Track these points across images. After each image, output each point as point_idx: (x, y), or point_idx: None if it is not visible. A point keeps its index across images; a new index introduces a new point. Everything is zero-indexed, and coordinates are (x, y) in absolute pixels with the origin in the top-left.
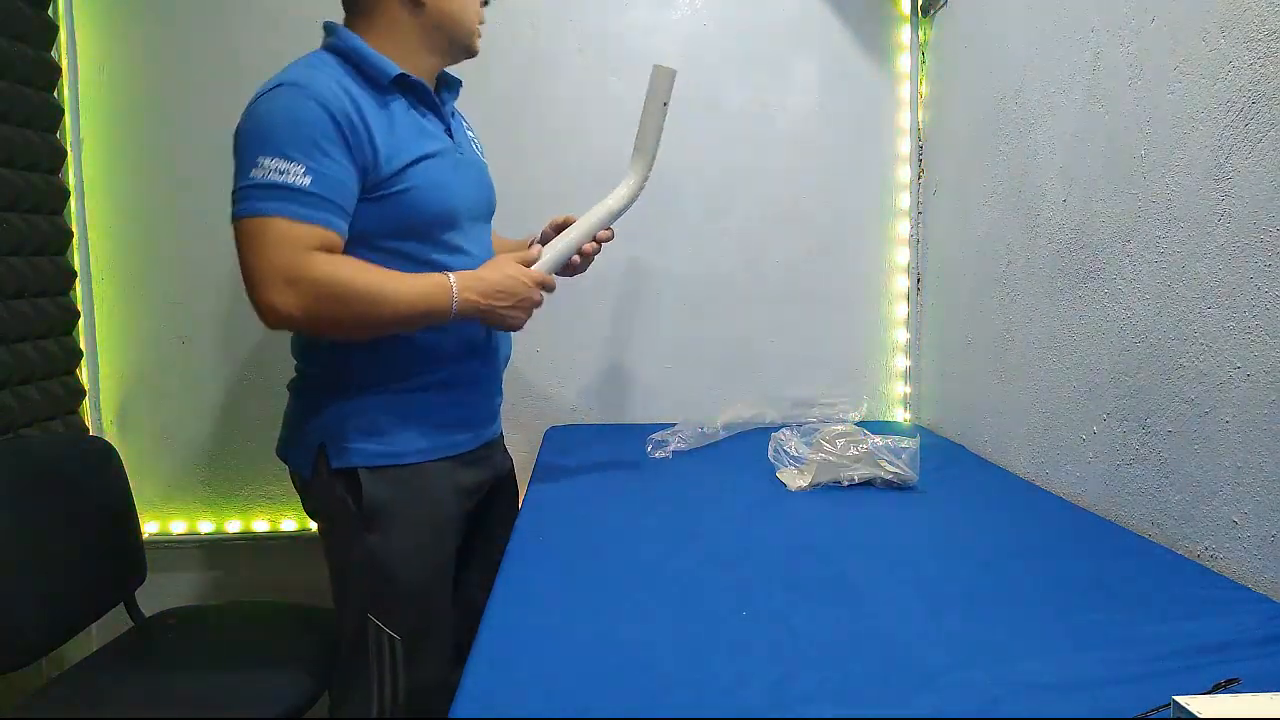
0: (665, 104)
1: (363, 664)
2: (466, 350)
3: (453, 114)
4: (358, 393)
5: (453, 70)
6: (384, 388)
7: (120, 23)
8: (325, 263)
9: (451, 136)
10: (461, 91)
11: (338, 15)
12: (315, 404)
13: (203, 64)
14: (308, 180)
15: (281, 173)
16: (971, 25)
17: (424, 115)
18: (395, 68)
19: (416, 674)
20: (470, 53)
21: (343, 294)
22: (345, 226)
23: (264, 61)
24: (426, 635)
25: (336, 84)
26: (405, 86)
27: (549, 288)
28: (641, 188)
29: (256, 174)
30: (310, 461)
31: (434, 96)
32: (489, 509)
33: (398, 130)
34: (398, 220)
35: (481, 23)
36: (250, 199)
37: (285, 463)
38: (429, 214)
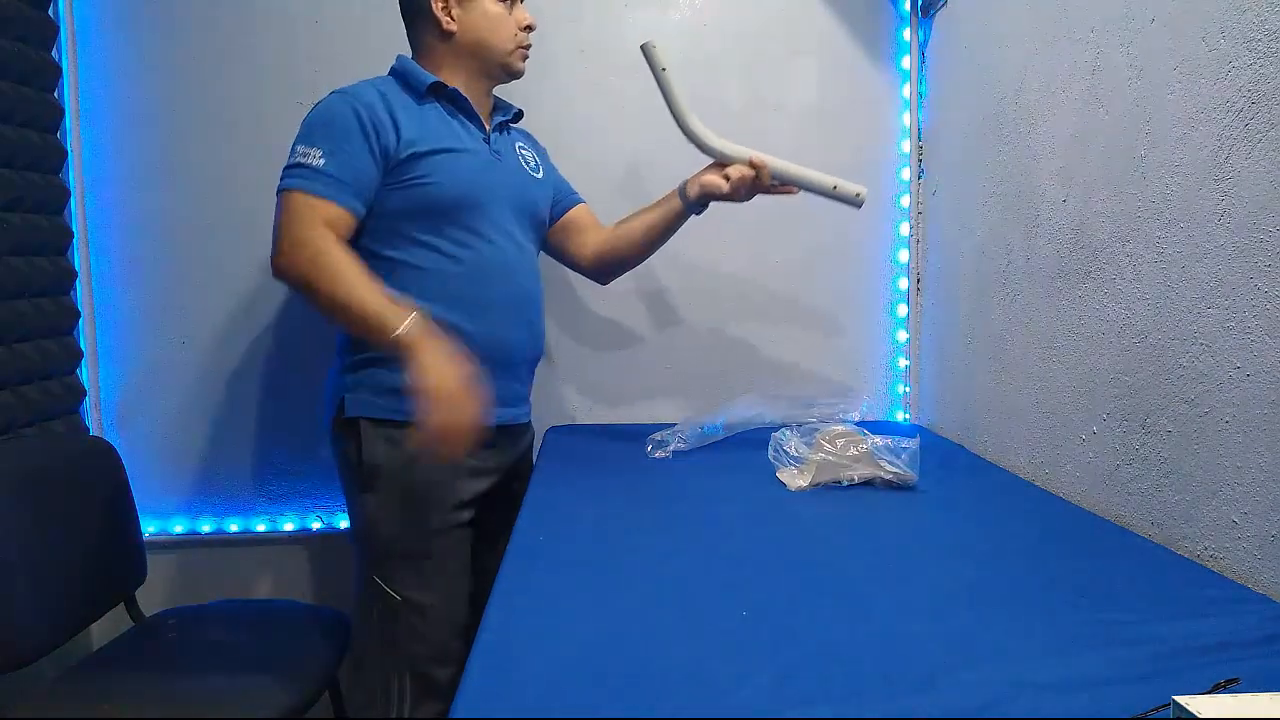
0: (664, 70)
1: (367, 625)
2: (481, 327)
3: (504, 131)
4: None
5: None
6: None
7: (120, 23)
8: (325, 239)
9: (489, 144)
10: None
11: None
12: (345, 362)
13: (203, 64)
14: (322, 162)
15: (305, 156)
16: (971, 25)
17: (461, 122)
18: (431, 77)
19: (418, 640)
20: (511, 73)
21: (323, 267)
22: (359, 203)
23: (263, 62)
24: (426, 603)
25: (376, 90)
26: (441, 94)
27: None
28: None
29: (291, 159)
30: (333, 416)
31: (473, 107)
32: (518, 494)
33: (428, 126)
34: (418, 200)
35: (525, 45)
36: (283, 178)
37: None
38: (446, 198)
